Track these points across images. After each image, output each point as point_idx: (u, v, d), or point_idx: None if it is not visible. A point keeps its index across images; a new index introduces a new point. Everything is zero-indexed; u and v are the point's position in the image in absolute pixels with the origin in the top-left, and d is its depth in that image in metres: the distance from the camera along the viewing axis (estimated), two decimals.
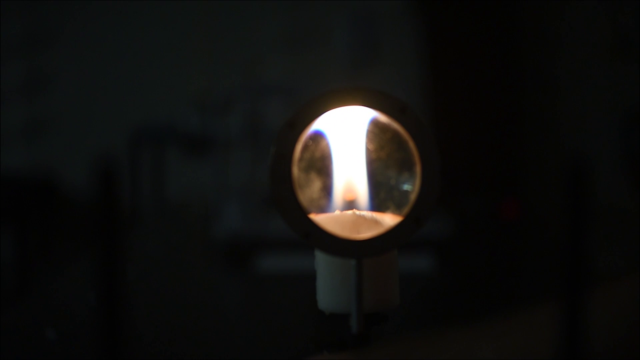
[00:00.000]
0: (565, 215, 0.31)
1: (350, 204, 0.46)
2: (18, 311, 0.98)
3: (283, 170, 0.43)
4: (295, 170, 0.44)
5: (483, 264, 1.31)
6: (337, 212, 0.46)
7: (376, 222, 0.45)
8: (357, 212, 0.45)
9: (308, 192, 0.44)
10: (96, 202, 0.30)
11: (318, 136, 0.44)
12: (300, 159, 0.44)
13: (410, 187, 0.44)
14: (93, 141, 2.79)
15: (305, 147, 0.44)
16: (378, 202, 0.46)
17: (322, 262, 0.47)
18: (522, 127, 2.68)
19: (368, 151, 0.45)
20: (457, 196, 1.92)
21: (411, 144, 0.44)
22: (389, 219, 0.45)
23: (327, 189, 0.45)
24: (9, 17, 2.87)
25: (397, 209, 0.45)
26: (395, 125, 0.44)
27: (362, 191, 0.45)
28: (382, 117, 0.44)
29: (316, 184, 0.45)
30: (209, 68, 2.83)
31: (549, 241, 1.44)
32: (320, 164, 0.45)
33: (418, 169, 0.44)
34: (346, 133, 0.45)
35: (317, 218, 0.44)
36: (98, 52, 2.87)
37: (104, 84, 2.88)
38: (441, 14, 2.61)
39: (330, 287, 0.47)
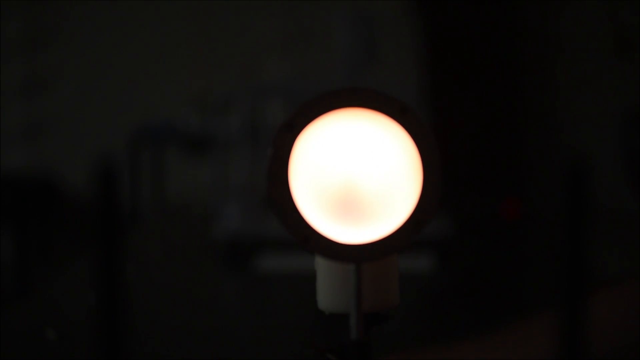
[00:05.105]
0: (565, 215, 0.31)
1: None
2: (18, 311, 0.98)
3: (280, 172, 0.43)
4: (293, 173, 0.43)
5: (483, 264, 1.31)
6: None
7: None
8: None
9: None
10: (96, 202, 0.30)
11: None
12: None
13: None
14: (93, 141, 2.79)
15: None
16: None
17: (322, 262, 0.47)
18: (522, 127, 2.68)
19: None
20: (458, 196, 1.92)
21: (412, 146, 0.43)
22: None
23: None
24: (9, 17, 2.87)
25: None
26: (396, 126, 0.43)
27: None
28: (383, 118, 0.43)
29: None
30: (209, 68, 2.83)
31: (549, 241, 1.44)
32: None
33: (419, 171, 0.43)
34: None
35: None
36: (98, 52, 2.87)
37: (104, 84, 2.88)
38: (441, 14, 2.61)
39: (330, 287, 0.47)
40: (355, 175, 0.44)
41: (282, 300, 1.09)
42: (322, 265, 0.47)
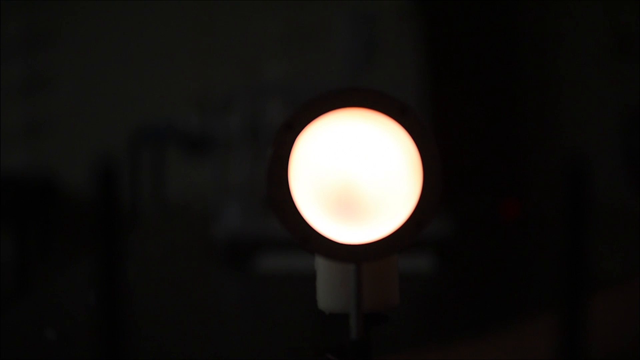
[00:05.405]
0: (565, 215, 0.31)
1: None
2: (18, 311, 0.98)
3: (280, 172, 0.43)
4: (293, 173, 0.43)
5: (483, 264, 1.31)
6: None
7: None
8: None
9: None
10: (96, 202, 0.30)
11: None
12: None
13: None
14: (93, 141, 2.79)
15: None
16: None
17: (322, 262, 0.47)
18: (522, 127, 2.68)
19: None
20: (457, 196, 1.92)
21: (412, 146, 0.43)
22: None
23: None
24: (9, 17, 2.87)
25: None
26: (396, 126, 0.43)
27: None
28: (382, 118, 0.43)
29: None
30: (209, 68, 2.83)
31: (549, 241, 1.44)
32: None
33: (419, 171, 0.43)
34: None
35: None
36: (98, 52, 2.87)
37: (104, 84, 2.88)
38: (441, 14, 2.61)
39: (330, 287, 0.47)
40: (355, 175, 0.44)
41: (282, 300, 1.09)
42: (322, 265, 0.47)
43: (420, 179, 0.43)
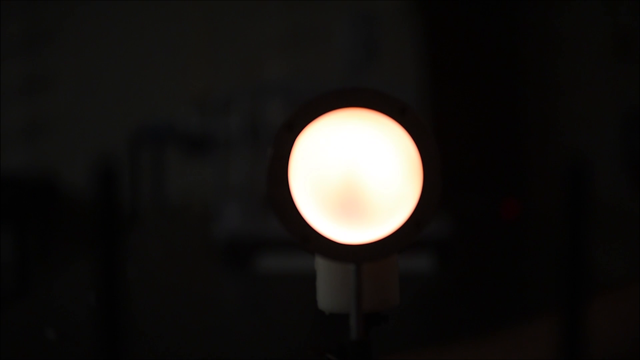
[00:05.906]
0: (565, 215, 0.31)
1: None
2: (18, 311, 0.98)
3: (280, 172, 0.43)
4: (293, 173, 0.43)
5: (483, 264, 1.31)
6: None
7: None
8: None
9: None
10: (96, 202, 0.30)
11: None
12: None
13: None
14: (93, 141, 2.79)
15: None
16: None
17: (322, 262, 0.47)
18: (522, 127, 2.68)
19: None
20: (457, 196, 1.92)
21: (412, 146, 0.43)
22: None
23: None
24: (9, 17, 2.87)
25: None
26: (396, 126, 0.43)
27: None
28: (383, 118, 0.43)
29: None
30: (209, 68, 2.83)
31: (549, 241, 1.44)
32: None
33: (419, 171, 0.43)
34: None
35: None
36: (98, 52, 2.87)
37: (104, 84, 2.87)
38: (441, 14, 2.61)
39: (330, 287, 0.47)
40: (355, 175, 0.44)
41: (282, 300, 1.09)
42: (322, 265, 0.47)
43: (420, 179, 0.43)
